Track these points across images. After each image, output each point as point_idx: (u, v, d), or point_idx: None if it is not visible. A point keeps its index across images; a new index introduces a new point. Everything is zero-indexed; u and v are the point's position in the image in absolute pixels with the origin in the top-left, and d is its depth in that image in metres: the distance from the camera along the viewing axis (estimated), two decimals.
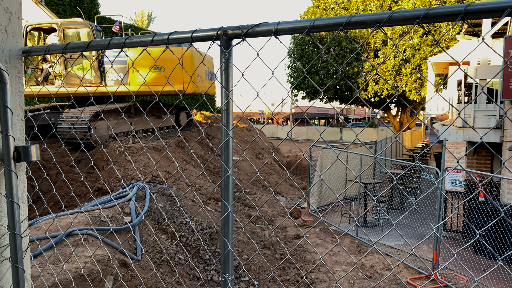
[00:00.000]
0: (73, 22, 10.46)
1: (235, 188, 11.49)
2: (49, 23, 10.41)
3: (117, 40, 1.32)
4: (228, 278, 1.18)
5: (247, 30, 1.12)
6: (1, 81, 1.38)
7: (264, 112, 50.80)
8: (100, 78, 10.61)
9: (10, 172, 1.39)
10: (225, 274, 1.18)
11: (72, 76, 10.29)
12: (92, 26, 10.32)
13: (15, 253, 1.40)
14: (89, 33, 10.28)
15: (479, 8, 0.91)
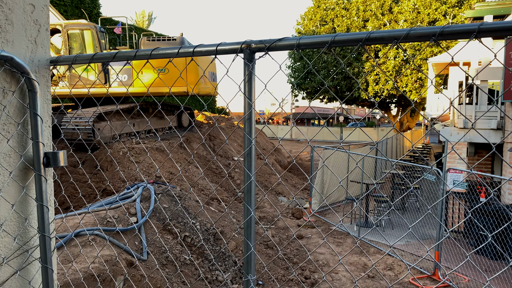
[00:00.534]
0: (77, 24, 10.53)
1: (237, 188, 11.56)
2: (53, 25, 10.45)
3: (143, 52, 1.38)
4: (251, 278, 1.25)
5: (270, 44, 1.19)
6: (32, 90, 1.45)
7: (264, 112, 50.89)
8: (105, 80, 10.68)
9: (40, 177, 1.46)
10: (248, 274, 1.25)
11: (76, 77, 10.34)
12: (96, 28, 10.39)
13: (44, 253, 1.47)
14: (93, 35, 10.32)
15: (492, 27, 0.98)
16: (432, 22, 23.73)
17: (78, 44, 10.57)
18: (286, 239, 8.35)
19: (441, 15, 23.21)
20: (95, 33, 10.34)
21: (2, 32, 1.39)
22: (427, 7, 23.42)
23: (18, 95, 1.44)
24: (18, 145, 1.45)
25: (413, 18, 23.70)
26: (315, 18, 27.84)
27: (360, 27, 25.78)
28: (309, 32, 28.13)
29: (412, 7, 23.81)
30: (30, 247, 1.49)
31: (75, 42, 10.53)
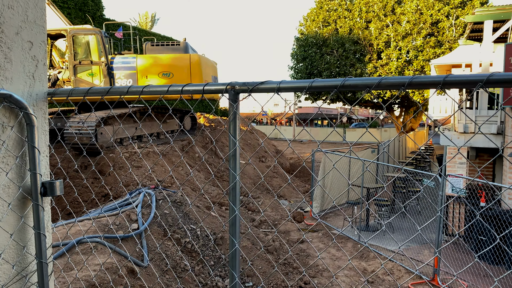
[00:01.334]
0: (82, 29, 10.66)
1: None
2: (58, 30, 10.59)
3: (135, 89, 1.46)
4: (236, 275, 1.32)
5: (253, 87, 1.26)
6: (30, 124, 1.52)
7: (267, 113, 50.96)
8: (110, 84, 10.78)
9: (38, 206, 1.53)
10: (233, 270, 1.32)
11: (81, 81, 10.48)
12: (101, 33, 10.51)
13: (42, 279, 1.55)
14: (98, 40, 10.47)
15: (456, 80, 1.04)
16: (435, 23, 23.70)
17: (83, 49, 10.70)
18: (287, 243, 8.42)
19: (444, 16, 23.18)
20: (100, 38, 10.47)
21: (1, 70, 1.46)
22: (429, 8, 23.39)
23: (16, 129, 1.52)
24: (17, 176, 1.52)
25: (416, 19, 23.68)
26: (317, 19, 27.85)
27: (363, 28, 25.79)
28: (312, 33, 28.16)
29: (415, 8, 23.78)
30: (28, 273, 1.56)
31: (79, 47, 10.65)
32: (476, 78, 1.01)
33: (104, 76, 10.67)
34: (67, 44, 10.54)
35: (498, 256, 7.50)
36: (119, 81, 10.78)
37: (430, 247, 8.51)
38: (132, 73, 10.79)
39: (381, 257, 8.03)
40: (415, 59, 23.87)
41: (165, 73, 10.93)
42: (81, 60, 10.61)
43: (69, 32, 10.44)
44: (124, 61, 10.95)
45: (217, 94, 9.78)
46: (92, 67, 10.65)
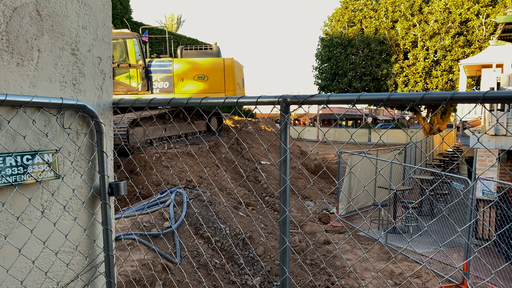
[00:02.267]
0: (120, 33, 11.07)
1: (264, 193, 11.78)
2: None
3: (194, 100, 1.62)
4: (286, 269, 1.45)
5: (304, 100, 1.39)
6: (99, 131, 1.71)
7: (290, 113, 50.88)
8: (147, 86, 11.22)
9: (106, 205, 1.71)
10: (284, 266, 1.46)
11: (118, 84, 10.91)
12: (138, 37, 10.93)
13: (108, 269, 1.73)
14: (135, 44, 10.88)
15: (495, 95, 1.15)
16: (464, 22, 23.19)
17: (121, 52, 11.15)
18: (313, 244, 8.50)
19: (474, 14, 22.64)
20: (137, 42, 10.87)
21: (77, 84, 1.66)
22: (458, 6, 22.90)
23: (88, 136, 1.70)
24: (88, 178, 1.71)
25: (444, 18, 23.22)
26: (342, 20, 27.69)
27: (389, 28, 25.48)
28: (337, 33, 28.01)
29: (443, 7, 23.33)
30: (97, 264, 1.75)
31: (117, 50, 11.10)
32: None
33: (142, 78, 11.07)
34: None
35: None
36: (156, 84, 11.19)
37: (459, 250, 8.41)
38: (168, 76, 11.23)
39: (409, 260, 8.01)
40: (443, 59, 23.42)
41: (200, 76, 11.36)
42: (119, 63, 11.02)
43: None
44: (161, 64, 11.38)
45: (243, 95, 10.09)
46: (130, 70, 11.06)
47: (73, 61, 1.63)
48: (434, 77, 24.11)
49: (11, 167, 1.40)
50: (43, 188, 1.53)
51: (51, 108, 1.53)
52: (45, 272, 1.53)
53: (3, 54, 1.38)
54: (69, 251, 1.63)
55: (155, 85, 11.20)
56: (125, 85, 10.98)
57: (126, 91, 11.10)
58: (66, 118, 1.61)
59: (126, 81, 11.05)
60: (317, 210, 11.34)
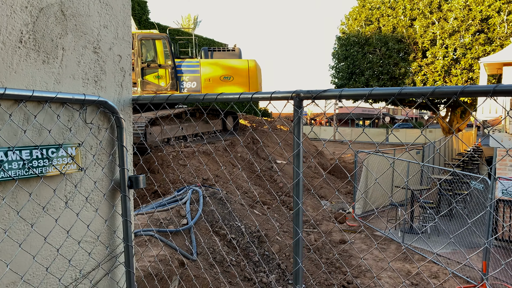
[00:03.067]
0: (150, 34, 11.41)
1: (280, 191, 11.80)
2: None
3: (210, 96, 1.67)
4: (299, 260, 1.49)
5: (316, 94, 1.43)
6: (119, 126, 1.78)
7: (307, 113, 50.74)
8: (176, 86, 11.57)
9: (125, 197, 1.78)
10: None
11: (147, 83, 11.21)
12: (167, 38, 11.24)
13: (128, 259, 1.80)
14: (164, 45, 11.19)
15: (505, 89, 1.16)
16: (484, 20, 22.70)
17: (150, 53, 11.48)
18: (329, 243, 8.48)
19: (495, 11, 22.14)
20: (166, 43, 11.20)
21: (98, 81, 1.73)
22: (479, 3, 22.42)
23: (109, 131, 1.78)
24: (109, 171, 1.78)
25: (464, 15, 22.78)
26: (359, 18, 27.45)
27: (407, 26, 25.14)
28: (354, 32, 27.80)
29: (463, 4, 22.88)
30: (117, 254, 1.82)
31: (147, 51, 11.41)
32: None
33: (170, 78, 11.39)
34: (136, 48, 11.25)
35: None
36: (184, 84, 11.53)
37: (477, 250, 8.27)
38: (196, 76, 11.65)
39: (426, 260, 7.92)
40: (463, 57, 22.97)
41: (226, 76, 11.87)
42: (148, 63, 11.31)
43: (137, 36, 11.14)
44: (188, 65, 11.76)
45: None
46: (159, 70, 11.36)
47: (95, 59, 1.70)
48: (454, 76, 23.66)
49: (37, 160, 1.48)
50: (66, 180, 1.61)
51: (74, 103, 1.60)
52: (69, 260, 1.61)
53: (30, 52, 1.45)
54: (90, 241, 1.70)
55: (183, 85, 11.59)
56: (154, 85, 11.32)
57: (156, 90, 11.43)
58: (88, 114, 1.68)
59: (155, 81, 11.38)
60: (333, 210, 11.30)
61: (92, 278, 1.70)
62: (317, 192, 12.65)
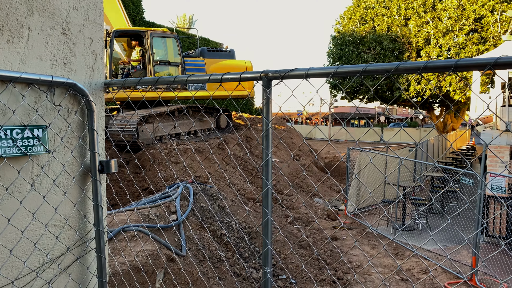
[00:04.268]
0: (160, 31, 11.68)
1: (273, 189, 11.79)
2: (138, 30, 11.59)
3: (180, 78, 1.65)
4: (268, 270, 1.47)
5: (284, 74, 1.41)
6: (90, 109, 1.75)
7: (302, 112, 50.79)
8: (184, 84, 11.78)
9: (96, 181, 1.76)
10: (265, 266, 1.48)
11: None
12: (177, 37, 11.62)
13: (99, 245, 1.77)
14: (174, 43, 11.55)
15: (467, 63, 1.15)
16: (478, 19, 22.80)
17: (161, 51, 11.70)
18: (320, 240, 8.48)
19: (488, 11, 22.25)
20: (176, 41, 11.55)
21: (68, 63, 1.70)
22: (473, 3, 22.52)
23: (79, 114, 1.75)
24: (79, 155, 1.76)
25: (458, 15, 22.88)
26: (354, 17, 27.52)
27: (401, 26, 25.22)
28: (349, 31, 27.84)
29: (457, 4, 22.98)
30: (88, 239, 1.80)
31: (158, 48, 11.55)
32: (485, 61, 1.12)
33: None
34: (147, 45, 11.32)
35: None
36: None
37: (468, 247, 8.30)
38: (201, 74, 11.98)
39: (417, 256, 7.93)
40: (457, 57, 23.05)
41: None
42: (160, 61, 11.44)
43: (149, 34, 11.25)
44: (195, 64, 12.15)
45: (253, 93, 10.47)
46: (169, 67, 11.57)
47: (64, 41, 1.68)
48: (448, 75, 23.74)
49: (0, 140, 1.45)
50: (33, 162, 1.58)
51: (41, 85, 1.58)
52: (34, 243, 1.58)
53: None
54: (59, 225, 1.68)
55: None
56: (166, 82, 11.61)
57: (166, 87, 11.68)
58: (57, 96, 1.66)
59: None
60: (325, 207, 11.30)
61: (61, 263, 1.67)
62: (311, 190, 12.65)
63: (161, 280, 4.03)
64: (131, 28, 12.08)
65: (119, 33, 11.37)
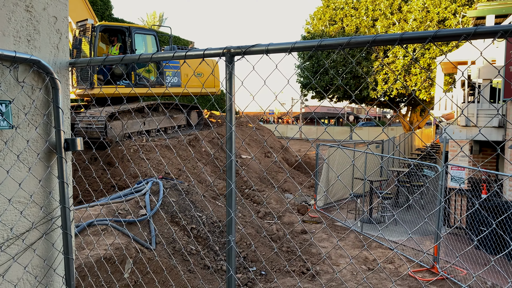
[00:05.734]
0: (142, 28, 11.85)
1: (244, 185, 11.86)
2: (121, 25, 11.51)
3: (145, 56, 1.69)
4: (231, 238, 1.54)
5: (246, 49, 1.48)
6: (55, 87, 1.76)
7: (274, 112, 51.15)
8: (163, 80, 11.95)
9: (62, 159, 1.77)
10: (229, 235, 1.54)
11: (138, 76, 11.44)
12: (156, 34, 11.75)
13: (65, 222, 1.79)
14: (153, 40, 11.70)
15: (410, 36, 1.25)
16: (441, 21, 23.71)
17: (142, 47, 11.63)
18: (290, 234, 8.62)
19: (451, 14, 23.18)
20: (155, 38, 11.65)
21: (32, 40, 1.71)
22: (436, 5, 23.40)
23: (43, 92, 1.76)
24: (44, 133, 1.76)
25: (423, 17, 23.70)
26: (324, 18, 28.00)
27: (369, 27, 25.86)
28: (318, 31, 28.30)
29: (422, 6, 23.81)
30: (53, 217, 1.80)
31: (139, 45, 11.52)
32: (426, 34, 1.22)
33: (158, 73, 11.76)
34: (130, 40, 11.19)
35: (498, 245, 7.64)
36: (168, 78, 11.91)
37: (431, 238, 8.66)
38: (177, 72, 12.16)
39: (383, 247, 8.21)
40: (422, 57, 23.89)
41: (198, 73, 12.86)
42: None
43: (132, 30, 11.15)
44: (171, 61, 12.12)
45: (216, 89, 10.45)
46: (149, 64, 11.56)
47: (28, 18, 1.68)
48: (413, 75, 24.57)
49: None
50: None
51: (4, 60, 1.58)
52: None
53: None
54: (23, 202, 1.68)
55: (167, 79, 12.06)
56: (146, 79, 11.57)
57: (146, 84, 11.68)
58: (20, 72, 1.66)
59: (146, 75, 11.66)
60: (296, 202, 11.48)
61: (25, 239, 1.67)
62: (281, 186, 12.81)
63: (129, 270, 4.01)
64: (116, 24, 12.03)
65: (103, 28, 11.18)
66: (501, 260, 7.46)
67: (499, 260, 7.41)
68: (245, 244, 6.98)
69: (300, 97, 37.30)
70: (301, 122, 39.68)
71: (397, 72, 24.81)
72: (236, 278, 6.02)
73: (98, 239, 5.14)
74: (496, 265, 7.19)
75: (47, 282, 1.77)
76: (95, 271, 4.10)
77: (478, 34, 1.13)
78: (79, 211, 6.03)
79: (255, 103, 56.07)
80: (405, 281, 6.70)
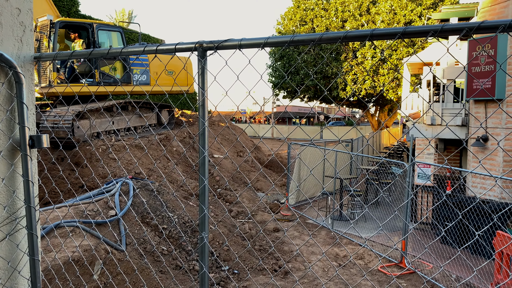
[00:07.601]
0: (106, 24, 11.37)
1: (216, 185, 11.81)
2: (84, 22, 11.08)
3: (114, 50, 1.64)
4: (204, 235, 1.53)
5: (218, 44, 1.47)
6: (18, 82, 1.69)
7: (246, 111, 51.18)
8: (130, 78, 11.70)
9: (26, 156, 1.70)
10: (202, 232, 1.53)
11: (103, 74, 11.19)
12: (122, 31, 11.40)
13: (30, 222, 1.72)
14: (119, 37, 11.35)
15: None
16: (408, 23, 24.41)
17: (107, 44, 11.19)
18: (263, 232, 8.65)
19: (417, 16, 23.92)
20: (121, 35, 11.33)
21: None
22: (403, 8, 24.09)
23: (6, 86, 1.68)
24: (7, 129, 1.69)
25: (390, 19, 24.34)
26: (295, 18, 28.26)
27: (339, 28, 26.30)
28: (289, 32, 28.53)
29: (389, 8, 24.44)
30: (18, 217, 1.73)
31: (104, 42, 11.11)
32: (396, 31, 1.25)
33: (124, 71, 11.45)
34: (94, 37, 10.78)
35: (462, 239, 7.94)
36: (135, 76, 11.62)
37: (399, 234, 8.90)
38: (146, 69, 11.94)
39: (353, 244, 8.37)
40: (390, 58, 24.53)
41: (169, 71, 12.74)
42: None
43: (95, 26, 10.76)
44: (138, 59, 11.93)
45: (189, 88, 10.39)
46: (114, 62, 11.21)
47: None
48: (381, 75, 25.18)
49: None
50: None
51: None
52: None
53: None
54: None
55: (134, 77, 11.75)
56: (111, 77, 11.17)
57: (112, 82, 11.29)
58: None
59: (111, 73, 11.26)
60: (268, 201, 11.54)
61: None
62: (254, 185, 12.84)
63: (98, 272, 3.91)
64: (77, 20, 11.64)
65: (64, 24, 10.78)
66: (465, 253, 7.76)
67: (463, 254, 7.70)
68: (218, 243, 6.95)
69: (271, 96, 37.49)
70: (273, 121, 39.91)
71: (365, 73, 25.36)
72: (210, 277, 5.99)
73: (66, 240, 4.98)
74: (461, 258, 7.48)
75: (11, 284, 1.70)
76: (62, 273, 3.97)
77: (445, 31, 1.17)
78: (46, 213, 5.82)
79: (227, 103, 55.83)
80: (375, 276, 6.86)
